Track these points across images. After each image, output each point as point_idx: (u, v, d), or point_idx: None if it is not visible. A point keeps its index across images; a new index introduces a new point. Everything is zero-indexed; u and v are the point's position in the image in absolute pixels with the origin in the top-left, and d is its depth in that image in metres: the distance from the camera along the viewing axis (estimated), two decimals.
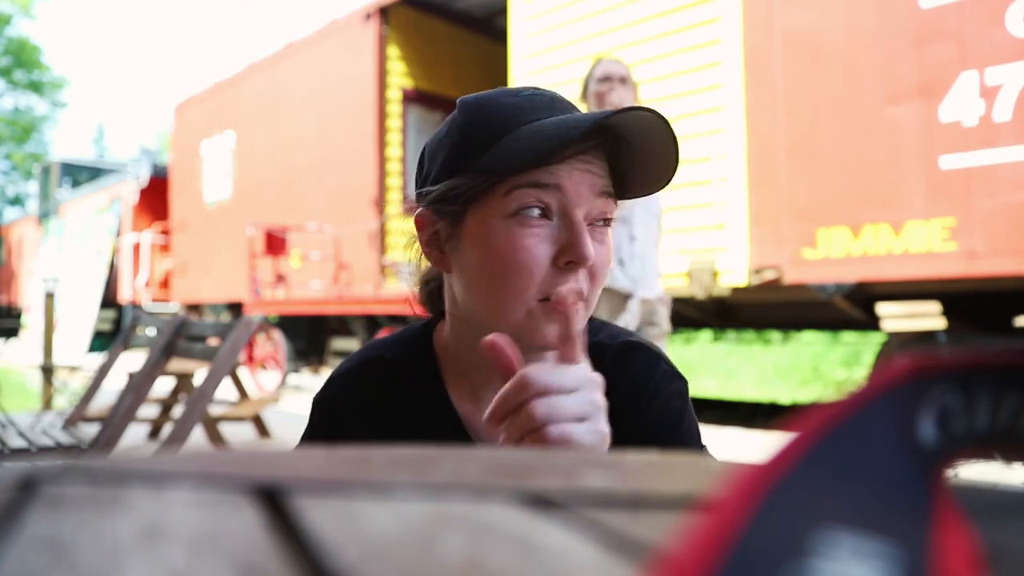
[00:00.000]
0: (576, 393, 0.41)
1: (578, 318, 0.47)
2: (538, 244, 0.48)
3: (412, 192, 0.72)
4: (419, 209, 0.54)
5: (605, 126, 0.48)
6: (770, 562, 0.09)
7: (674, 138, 0.48)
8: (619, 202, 0.52)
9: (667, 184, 0.51)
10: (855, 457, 0.11)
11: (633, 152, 0.50)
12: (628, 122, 0.48)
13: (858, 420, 0.12)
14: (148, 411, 3.33)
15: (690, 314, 3.84)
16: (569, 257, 0.47)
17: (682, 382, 0.57)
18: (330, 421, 0.57)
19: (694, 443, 0.56)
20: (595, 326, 0.59)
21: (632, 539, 0.15)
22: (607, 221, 0.50)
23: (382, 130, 5.03)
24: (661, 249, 1.93)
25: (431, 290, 0.59)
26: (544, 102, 0.51)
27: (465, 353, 0.54)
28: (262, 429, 3.24)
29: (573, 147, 0.48)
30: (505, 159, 0.48)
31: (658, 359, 0.57)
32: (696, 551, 0.10)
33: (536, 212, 0.48)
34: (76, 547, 0.14)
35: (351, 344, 5.46)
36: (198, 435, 2.82)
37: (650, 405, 0.55)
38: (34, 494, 0.17)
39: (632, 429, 0.53)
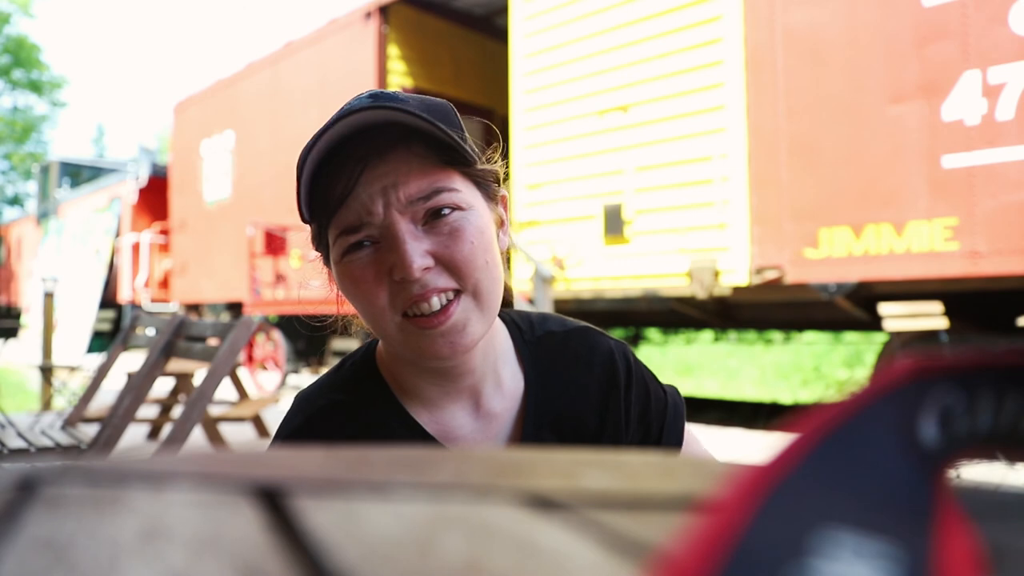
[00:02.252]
0: None
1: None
2: (369, 271, 0.48)
3: None
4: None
5: (352, 136, 0.47)
6: (771, 562, 0.09)
7: (398, 107, 0.46)
8: None
9: (454, 130, 0.49)
10: (856, 458, 0.11)
11: (416, 131, 0.48)
12: (359, 124, 0.47)
13: (859, 421, 0.12)
14: (147, 411, 3.32)
15: (691, 314, 3.83)
16: (398, 274, 0.47)
17: (623, 345, 0.59)
18: None
19: (651, 381, 0.59)
20: (531, 318, 0.59)
21: (633, 540, 0.15)
22: (443, 211, 0.48)
23: None
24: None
25: None
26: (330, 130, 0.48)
27: (405, 367, 0.54)
28: (262, 430, 3.23)
29: (334, 180, 0.48)
30: (306, 213, 0.50)
31: (599, 335, 0.59)
32: (697, 551, 0.10)
33: (364, 244, 0.48)
34: (76, 548, 0.13)
35: (350, 344, 5.46)
36: (198, 435, 2.81)
37: (629, 386, 0.56)
38: (33, 495, 0.17)
39: (593, 402, 0.55)
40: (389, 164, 0.48)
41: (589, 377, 0.56)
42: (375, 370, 0.56)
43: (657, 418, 0.58)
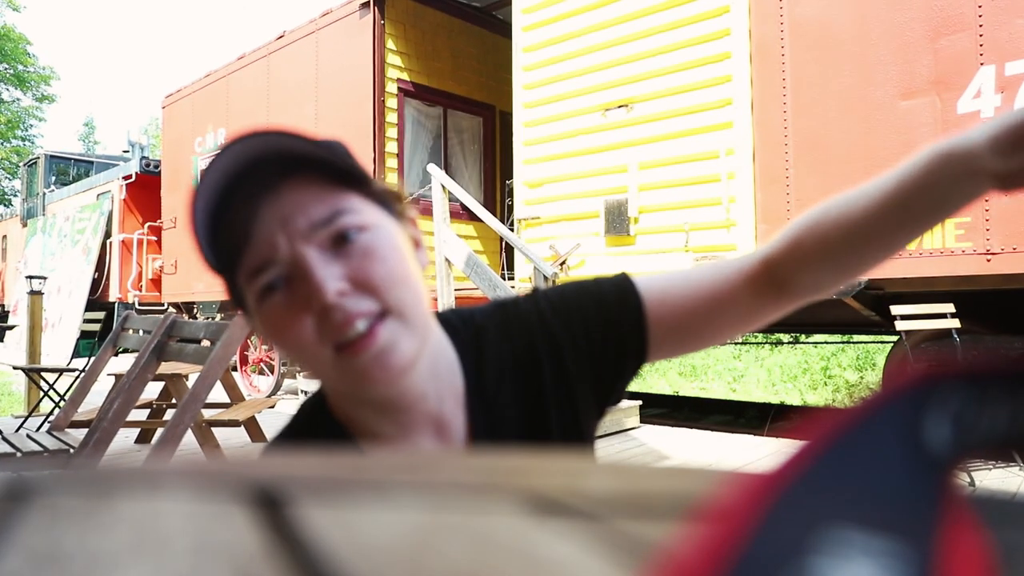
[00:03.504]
0: None
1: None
2: (288, 311, 0.46)
3: (408, 189, 0.68)
4: None
5: (237, 176, 0.46)
6: (779, 563, 0.09)
7: (273, 133, 0.45)
8: None
9: (339, 157, 0.48)
10: (866, 461, 0.11)
11: (303, 158, 0.47)
12: (245, 159, 0.45)
13: (869, 424, 0.12)
14: (137, 414, 3.22)
15: None
16: (316, 304, 0.45)
17: (537, 293, 0.57)
18: None
19: (598, 290, 0.55)
20: (464, 315, 0.57)
21: (636, 544, 0.15)
22: (348, 234, 0.46)
23: (380, 125, 4.92)
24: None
25: None
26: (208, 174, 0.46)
27: (357, 409, 0.52)
28: (256, 433, 3.14)
29: (229, 226, 0.46)
30: (214, 264, 0.48)
31: (519, 297, 0.57)
32: (704, 556, 0.10)
33: (274, 284, 0.46)
34: (69, 558, 0.13)
35: None
36: (190, 439, 2.72)
37: (550, 330, 0.54)
38: (26, 504, 0.16)
39: (557, 358, 0.53)
40: (282, 197, 0.46)
41: (512, 358, 0.54)
42: (330, 416, 0.53)
43: (598, 319, 0.54)
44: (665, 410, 4.59)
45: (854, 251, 0.50)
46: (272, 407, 3.36)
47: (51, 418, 2.48)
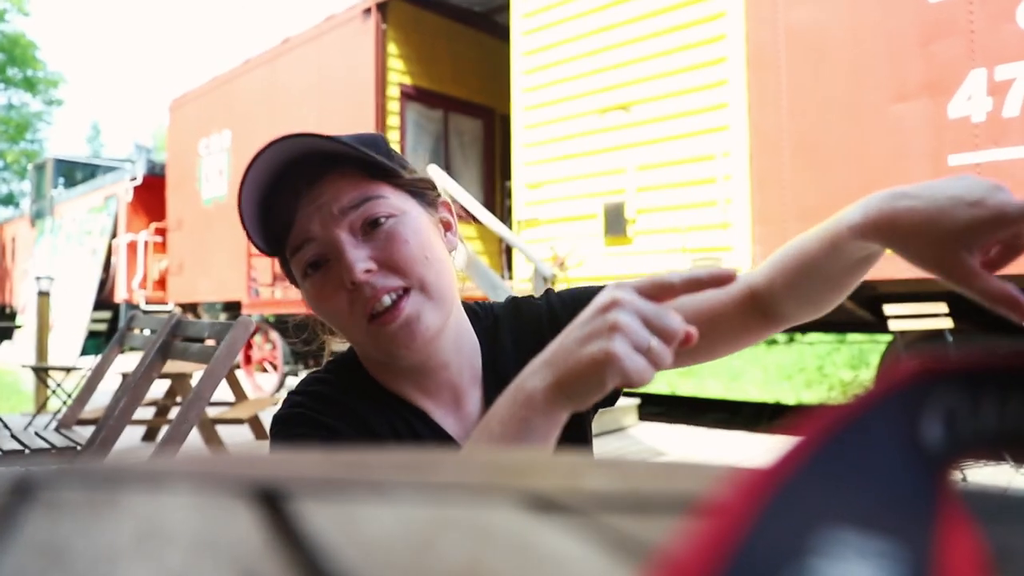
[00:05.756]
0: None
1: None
2: (327, 287, 0.53)
3: None
4: None
5: (280, 171, 0.52)
6: (775, 563, 0.09)
7: (313, 136, 0.51)
8: None
9: (375, 151, 0.53)
10: (860, 459, 0.11)
11: (338, 155, 0.53)
12: (288, 156, 0.51)
13: (863, 422, 0.12)
14: (144, 412, 3.28)
15: None
16: (348, 280, 0.51)
17: (549, 293, 0.63)
18: (320, 429, 0.56)
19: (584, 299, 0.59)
20: (487, 306, 0.63)
21: (635, 541, 0.15)
22: (377, 220, 0.53)
23: (382, 128, 4.97)
24: None
25: None
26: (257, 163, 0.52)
27: (385, 374, 0.58)
28: (259, 431, 3.19)
29: (273, 213, 0.53)
30: (264, 248, 0.55)
31: (534, 296, 0.63)
32: (700, 553, 0.10)
33: (316, 263, 0.53)
34: (72, 552, 0.13)
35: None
36: (195, 437, 2.77)
37: (557, 327, 0.58)
38: (30, 498, 0.16)
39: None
40: (321, 187, 0.53)
41: (523, 349, 0.58)
42: (366, 374, 0.60)
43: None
44: (663, 408, 4.62)
45: (813, 288, 0.54)
46: (275, 405, 3.41)
47: (59, 416, 2.54)
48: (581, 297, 0.60)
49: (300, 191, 0.53)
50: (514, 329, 0.61)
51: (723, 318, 0.56)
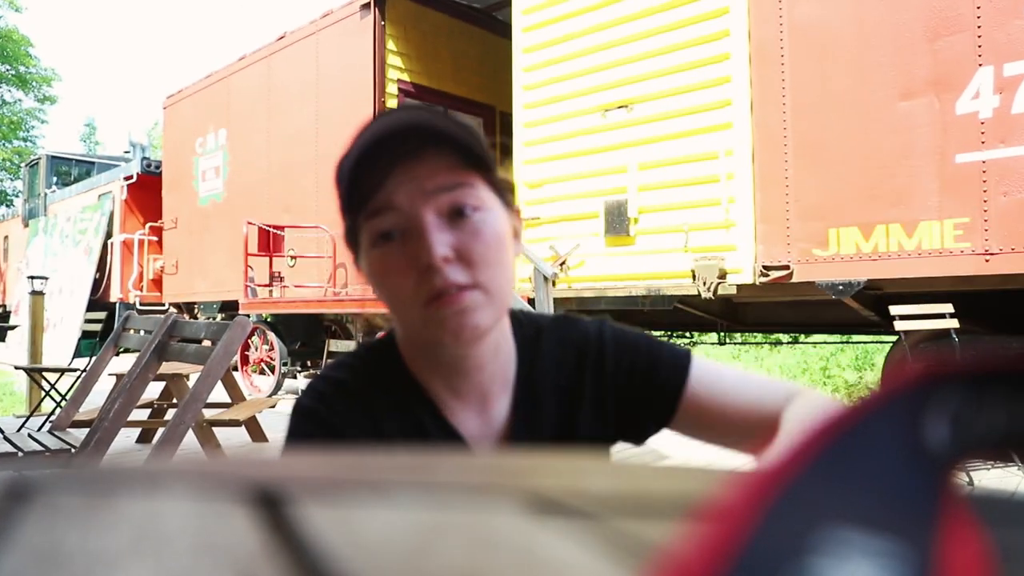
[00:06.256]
0: None
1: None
2: (396, 261, 0.52)
3: None
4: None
5: (388, 136, 0.52)
6: (778, 562, 0.09)
7: (431, 111, 0.52)
8: None
9: (477, 142, 0.53)
10: (865, 460, 0.11)
11: (446, 135, 0.53)
12: (397, 125, 0.52)
13: (868, 423, 0.12)
14: (139, 414, 3.23)
15: (696, 314, 3.78)
16: (423, 260, 0.51)
17: (606, 323, 0.63)
18: (328, 433, 0.57)
19: (655, 350, 0.60)
20: (532, 317, 0.63)
21: (636, 543, 0.15)
22: (464, 209, 0.53)
23: None
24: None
25: None
26: (379, 124, 0.53)
27: (421, 363, 0.58)
28: (257, 433, 3.15)
29: (369, 174, 0.52)
30: (344, 204, 0.55)
31: (584, 321, 0.63)
32: (703, 555, 0.10)
33: (391, 234, 0.53)
34: (70, 556, 0.13)
35: (349, 346, 5.38)
36: (191, 439, 2.73)
37: (602, 356, 0.60)
38: (27, 503, 0.16)
39: (597, 384, 0.59)
40: (420, 161, 0.52)
41: (562, 366, 0.60)
42: (399, 355, 0.59)
43: (644, 374, 0.59)
44: None
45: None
46: (273, 407, 3.37)
47: (52, 418, 2.49)
48: (636, 346, 0.61)
49: (399, 159, 0.52)
50: (557, 347, 0.61)
51: (760, 424, 0.57)
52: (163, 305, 7.18)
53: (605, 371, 0.59)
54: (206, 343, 2.08)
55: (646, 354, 0.60)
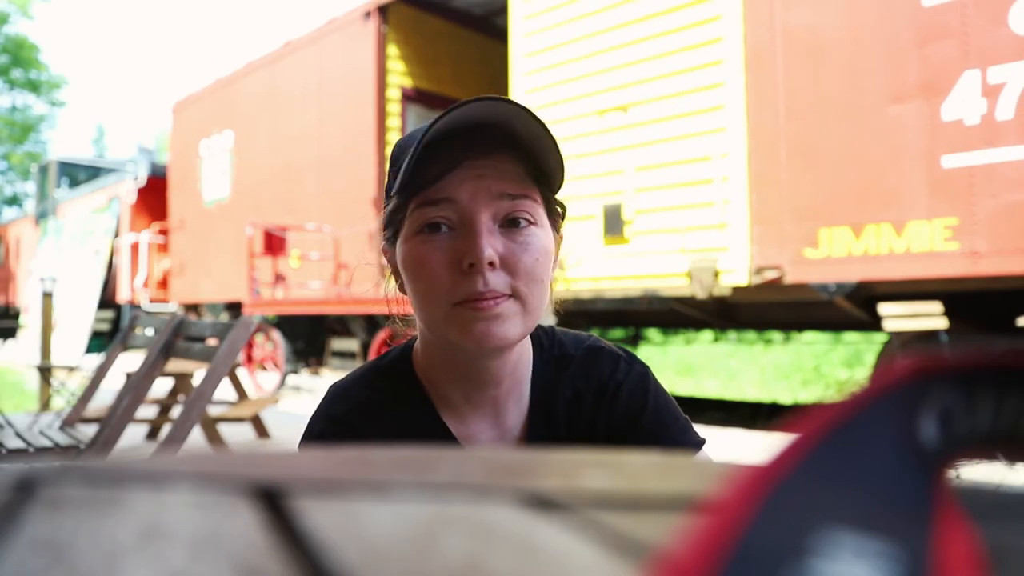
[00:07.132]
0: None
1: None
2: (439, 254, 0.51)
3: None
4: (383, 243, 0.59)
5: (464, 127, 0.50)
6: (772, 562, 0.09)
7: (520, 110, 0.49)
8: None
9: (552, 157, 0.52)
10: (856, 458, 0.11)
11: (523, 142, 0.51)
12: (476, 118, 0.49)
13: (859, 421, 0.12)
14: (146, 412, 3.31)
15: (691, 314, 3.83)
16: (468, 259, 0.50)
17: (641, 366, 0.60)
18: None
19: (668, 416, 0.59)
20: (558, 337, 0.61)
21: (633, 540, 0.15)
22: (519, 220, 0.52)
23: (382, 129, 5.01)
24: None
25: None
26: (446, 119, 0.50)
27: (438, 371, 0.57)
28: (261, 430, 3.22)
29: (434, 160, 0.50)
30: (398, 185, 0.52)
31: (618, 356, 0.60)
32: (697, 551, 0.10)
33: (439, 227, 0.51)
34: (75, 549, 0.13)
35: (351, 344, 5.45)
36: (197, 436, 2.80)
37: (616, 398, 0.58)
38: (32, 496, 0.17)
39: (608, 424, 0.57)
40: (490, 160, 0.51)
41: (582, 391, 0.58)
42: (412, 371, 0.58)
43: (647, 427, 0.58)
44: None
45: None
46: (276, 404, 3.44)
47: (62, 415, 2.57)
48: (655, 388, 0.59)
49: (467, 153, 0.51)
50: (584, 369, 0.59)
51: None
52: (170, 305, 7.27)
53: (619, 400, 0.58)
54: (211, 342, 2.15)
55: (663, 409, 0.58)
